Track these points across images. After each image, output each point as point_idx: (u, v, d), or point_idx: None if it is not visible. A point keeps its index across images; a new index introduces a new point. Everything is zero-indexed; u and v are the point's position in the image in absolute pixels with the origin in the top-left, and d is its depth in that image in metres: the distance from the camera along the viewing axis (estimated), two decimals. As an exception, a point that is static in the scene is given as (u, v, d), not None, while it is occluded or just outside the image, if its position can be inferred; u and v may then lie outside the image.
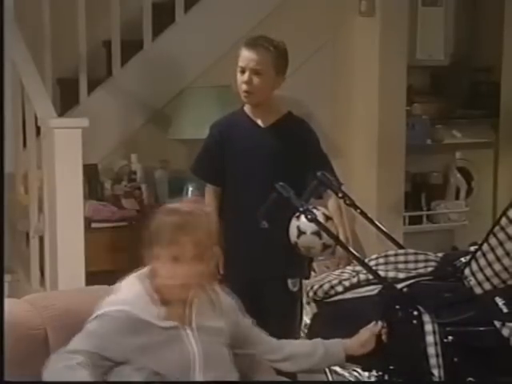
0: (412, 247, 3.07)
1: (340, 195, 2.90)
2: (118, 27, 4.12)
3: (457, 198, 5.13)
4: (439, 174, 5.08)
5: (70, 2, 4.03)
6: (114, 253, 3.60)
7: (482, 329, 2.44)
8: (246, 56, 3.11)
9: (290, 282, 3.13)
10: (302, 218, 2.77)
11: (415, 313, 2.46)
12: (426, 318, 2.46)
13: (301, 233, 2.80)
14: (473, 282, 2.46)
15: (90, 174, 3.84)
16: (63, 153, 3.32)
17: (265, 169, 3.12)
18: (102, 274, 3.09)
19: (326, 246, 2.77)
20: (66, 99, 4.21)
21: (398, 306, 2.49)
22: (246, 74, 3.09)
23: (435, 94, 5.37)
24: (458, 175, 5.16)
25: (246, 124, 3.19)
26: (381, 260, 2.72)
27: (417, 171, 4.96)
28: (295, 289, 3.13)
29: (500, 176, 5.33)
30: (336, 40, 4.48)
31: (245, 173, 3.15)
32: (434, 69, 5.43)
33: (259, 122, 3.19)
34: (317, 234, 2.77)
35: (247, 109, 3.20)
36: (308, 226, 2.76)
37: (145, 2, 4.17)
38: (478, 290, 2.45)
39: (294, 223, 2.82)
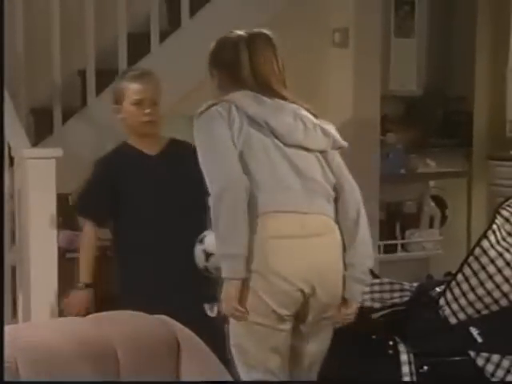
0: (387, 276, 3.09)
1: None
2: (93, 56, 4.12)
3: (431, 226, 5.16)
4: (413, 202, 5.11)
5: (44, 30, 4.03)
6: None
7: (457, 358, 2.45)
8: (139, 88, 3.14)
9: (207, 306, 3.11)
10: (207, 240, 2.78)
11: (391, 342, 2.47)
12: (402, 347, 2.46)
13: (209, 255, 2.81)
14: (447, 311, 2.47)
15: (64, 203, 3.81)
16: (37, 183, 3.29)
17: (162, 198, 3.12)
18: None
19: None
20: (40, 129, 4.19)
21: (373, 336, 2.49)
22: (146, 105, 3.13)
23: (409, 123, 5.42)
24: (432, 204, 5.20)
25: (134, 156, 3.19)
26: None
27: (391, 200, 4.99)
28: (213, 314, 3.10)
29: (474, 205, 5.37)
30: (309, 71, 4.51)
31: (142, 205, 3.13)
32: (408, 98, 5.49)
33: (146, 151, 3.20)
34: None
35: (132, 141, 3.21)
36: (215, 248, 2.78)
37: (120, 32, 4.18)
38: (452, 320, 2.47)
39: (198, 248, 2.83)
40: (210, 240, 2.83)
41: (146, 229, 3.13)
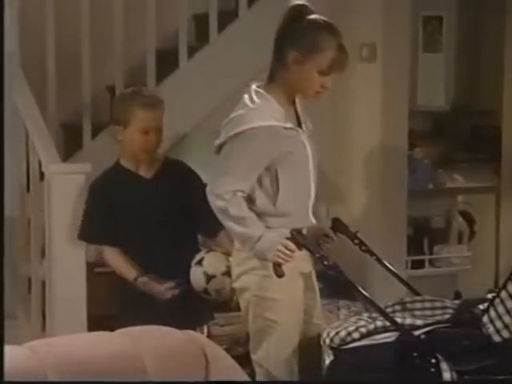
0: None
1: (356, 242, 2.89)
2: (122, 72, 4.16)
3: (459, 242, 5.13)
4: (441, 217, 5.08)
5: (74, 46, 4.07)
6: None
7: (500, 377, 2.41)
8: (148, 116, 3.11)
9: (197, 329, 3.10)
10: (205, 262, 2.77)
11: (433, 360, 2.44)
12: (444, 365, 2.43)
13: (210, 277, 2.80)
14: (491, 329, 2.44)
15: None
16: (66, 198, 3.33)
17: (159, 219, 3.10)
18: (104, 319, 3.10)
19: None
20: (70, 144, 4.23)
21: (415, 354, 2.46)
22: (152, 134, 3.10)
23: (437, 138, 5.40)
24: (460, 219, 5.16)
25: (128, 179, 3.17)
26: (397, 307, 2.70)
27: (419, 215, 4.96)
28: (204, 335, 3.10)
29: (502, 220, 5.32)
30: (338, 86, 4.51)
31: (137, 229, 3.12)
32: (436, 113, 5.46)
33: (141, 173, 3.17)
34: (227, 274, 2.79)
35: (125, 162, 3.17)
36: (217, 269, 2.77)
37: (149, 48, 4.21)
38: (496, 338, 2.43)
39: (197, 270, 2.83)
40: (209, 262, 2.84)
41: (140, 250, 3.12)
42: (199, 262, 2.84)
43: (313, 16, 2.73)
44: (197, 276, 2.86)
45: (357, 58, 4.48)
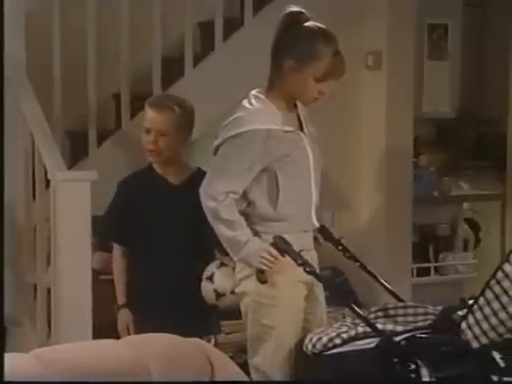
0: (420, 299, 3.08)
1: (340, 248, 2.91)
2: (128, 80, 4.17)
3: (465, 249, 5.12)
4: (447, 225, 5.08)
5: (80, 54, 4.08)
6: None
7: (479, 383, 2.42)
8: (151, 117, 3.09)
9: (204, 339, 3.07)
10: (216, 279, 2.78)
11: (413, 366, 2.45)
12: (424, 371, 2.44)
13: (220, 295, 2.81)
14: (470, 335, 2.45)
15: (98, 226, 3.84)
16: (71, 205, 3.33)
17: (179, 228, 3.08)
18: (109, 327, 3.10)
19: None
20: (76, 151, 4.24)
21: (395, 359, 2.47)
22: (152, 135, 3.08)
23: (442, 145, 5.40)
24: (466, 226, 5.16)
25: (156, 182, 3.15)
26: (380, 313, 2.72)
27: (424, 223, 4.96)
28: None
29: (507, 227, 5.32)
30: (342, 93, 4.52)
31: (157, 233, 3.10)
32: (441, 120, 5.47)
33: (170, 179, 3.15)
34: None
35: (156, 166, 3.17)
36: (226, 288, 2.78)
37: (154, 56, 4.22)
38: (474, 344, 2.45)
39: (208, 286, 2.83)
40: (219, 279, 2.84)
41: (156, 257, 3.10)
42: (210, 278, 2.84)
43: (308, 23, 2.74)
44: (207, 292, 2.86)
45: (362, 66, 4.49)
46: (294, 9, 2.73)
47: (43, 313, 3.59)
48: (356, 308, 2.63)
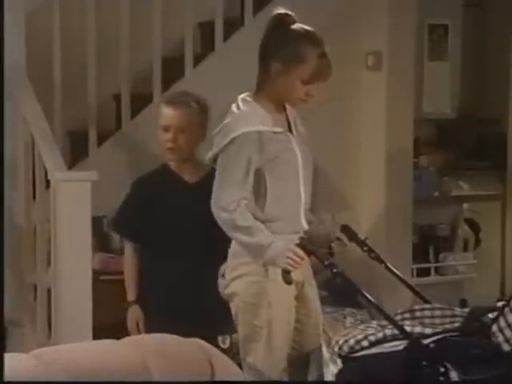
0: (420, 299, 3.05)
1: (365, 249, 2.89)
2: (128, 81, 4.17)
3: (465, 249, 5.12)
4: (447, 225, 5.08)
5: (80, 55, 4.08)
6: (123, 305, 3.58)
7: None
8: (169, 114, 3.09)
9: (219, 339, 3.10)
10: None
11: (442, 369, 2.42)
12: (453, 374, 2.42)
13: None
14: (500, 338, 2.42)
15: (99, 226, 3.85)
16: (72, 205, 3.33)
17: (195, 226, 3.08)
18: (109, 327, 3.10)
19: None
20: (76, 152, 4.24)
21: (424, 362, 2.45)
22: (171, 132, 3.07)
23: (442, 145, 5.40)
24: (466, 227, 5.16)
25: (172, 180, 3.16)
26: (406, 315, 2.67)
27: (424, 223, 4.96)
28: (225, 346, 3.09)
29: (508, 228, 5.32)
30: (343, 94, 4.52)
31: (173, 231, 3.10)
32: (441, 121, 5.47)
33: (185, 177, 3.16)
34: None
35: (172, 165, 3.17)
36: None
37: (155, 56, 4.22)
38: (505, 347, 2.42)
39: (223, 283, 2.80)
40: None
41: (172, 255, 3.10)
42: (224, 276, 2.84)
43: (295, 26, 2.73)
44: (221, 288, 2.86)
45: (362, 67, 4.49)
46: (281, 11, 2.74)
47: (43, 313, 3.59)
48: (384, 310, 2.60)
